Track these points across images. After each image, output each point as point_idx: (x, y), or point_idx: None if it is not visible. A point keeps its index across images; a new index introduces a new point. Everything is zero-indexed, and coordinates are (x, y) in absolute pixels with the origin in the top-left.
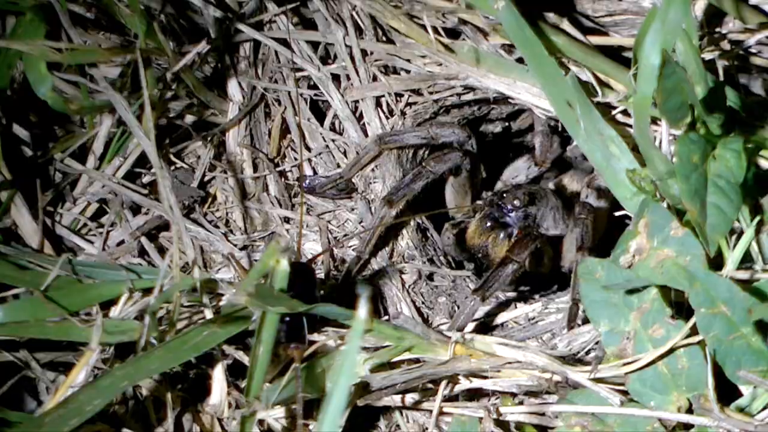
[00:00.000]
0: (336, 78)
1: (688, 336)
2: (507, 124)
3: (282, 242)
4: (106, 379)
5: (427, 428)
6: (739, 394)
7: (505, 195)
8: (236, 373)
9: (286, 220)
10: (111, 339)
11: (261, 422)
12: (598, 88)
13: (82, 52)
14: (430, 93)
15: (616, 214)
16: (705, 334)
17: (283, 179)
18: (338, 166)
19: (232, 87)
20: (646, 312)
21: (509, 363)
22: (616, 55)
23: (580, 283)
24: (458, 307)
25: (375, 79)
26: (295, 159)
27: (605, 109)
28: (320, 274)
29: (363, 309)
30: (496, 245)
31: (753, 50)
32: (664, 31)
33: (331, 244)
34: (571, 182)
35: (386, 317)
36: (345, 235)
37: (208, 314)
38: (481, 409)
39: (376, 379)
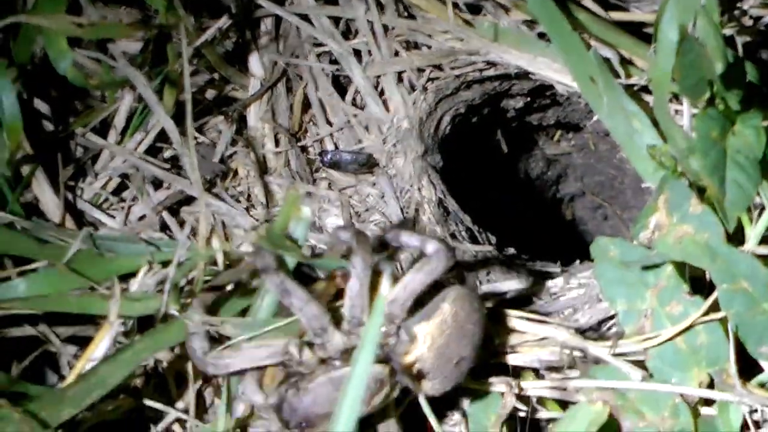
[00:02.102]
0: (357, 53)
1: (706, 312)
2: (528, 99)
3: (301, 189)
4: (126, 351)
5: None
6: (760, 370)
7: None
8: None
9: (308, 194)
10: (132, 311)
11: None
12: (619, 68)
13: (102, 27)
14: (452, 68)
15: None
16: (726, 311)
17: (304, 154)
18: (359, 141)
19: (254, 62)
20: (663, 289)
21: (530, 338)
22: (637, 31)
23: (594, 263)
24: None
25: (396, 54)
26: (317, 134)
27: (628, 84)
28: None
29: (386, 285)
30: None
31: None
32: (681, 7)
33: (352, 218)
34: None
35: None
36: (366, 210)
37: (229, 286)
38: (502, 384)
39: None
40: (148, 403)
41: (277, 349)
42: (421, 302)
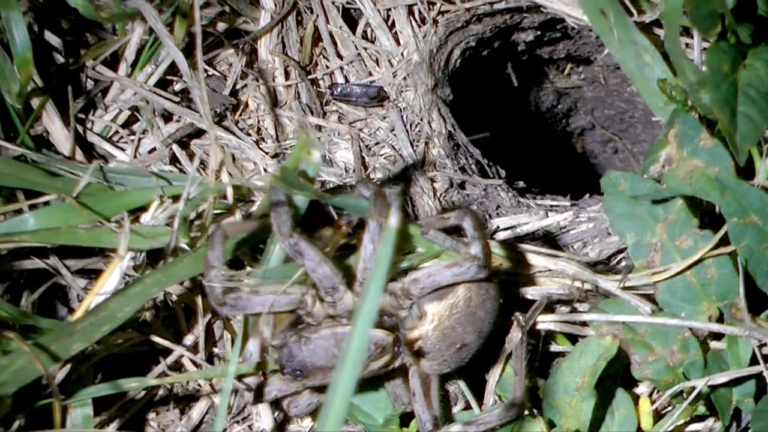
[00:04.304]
0: None
1: (716, 246)
2: (539, 32)
3: (311, 134)
4: (136, 286)
5: None
6: None
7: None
8: None
9: (318, 127)
10: (142, 245)
11: None
12: (630, 4)
13: None
14: (463, 1)
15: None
16: (736, 244)
17: (314, 87)
18: (370, 74)
19: None
20: (673, 223)
21: (540, 271)
22: None
23: (604, 197)
24: (490, 216)
25: None
26: (327, 67)
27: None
28: (352, 182)
29: (395, 218)
30: None
31: None
32: None
33: (362, 152)
34: None
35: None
36: (377, 143)
37: (238, 216)
38: (511, 317)
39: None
40: (156, 339)
41: (294, 298)
42: None
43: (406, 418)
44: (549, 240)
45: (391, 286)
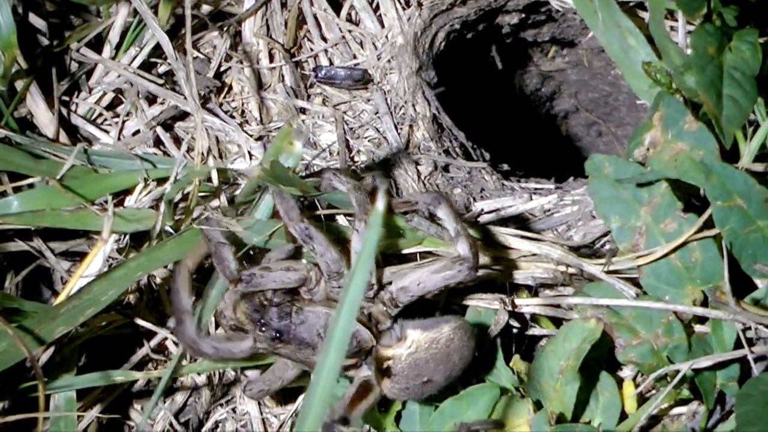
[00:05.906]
0: None
1: (700, 229)
2: (524, 15)
3: (294, 125)
4: (120, 269)
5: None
6: (754, 287)
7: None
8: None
9: (302, 110)
10: (126, 228)
11: None
12: None
13: None
14: None
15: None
16: (721, 228)
17: (299, 69)
18: (354, 57)
19: None
20: (657, 206)
21: (524, 255)
22: None
23: (588, 180)
24: (474, 200)
25: None
26: (311, 49)
27: (623, 1)
28: (336, 166)
29: (381, 202)
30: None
31: None
32: None
33: (346, 134)
34: None
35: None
36: (361, 126)
37: (223, 204)
38: (496, 301)
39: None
40: (140, 322)
41: (301, 274)
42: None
43: (380, 405)
44: (533, 223)
45: (380, 295)
